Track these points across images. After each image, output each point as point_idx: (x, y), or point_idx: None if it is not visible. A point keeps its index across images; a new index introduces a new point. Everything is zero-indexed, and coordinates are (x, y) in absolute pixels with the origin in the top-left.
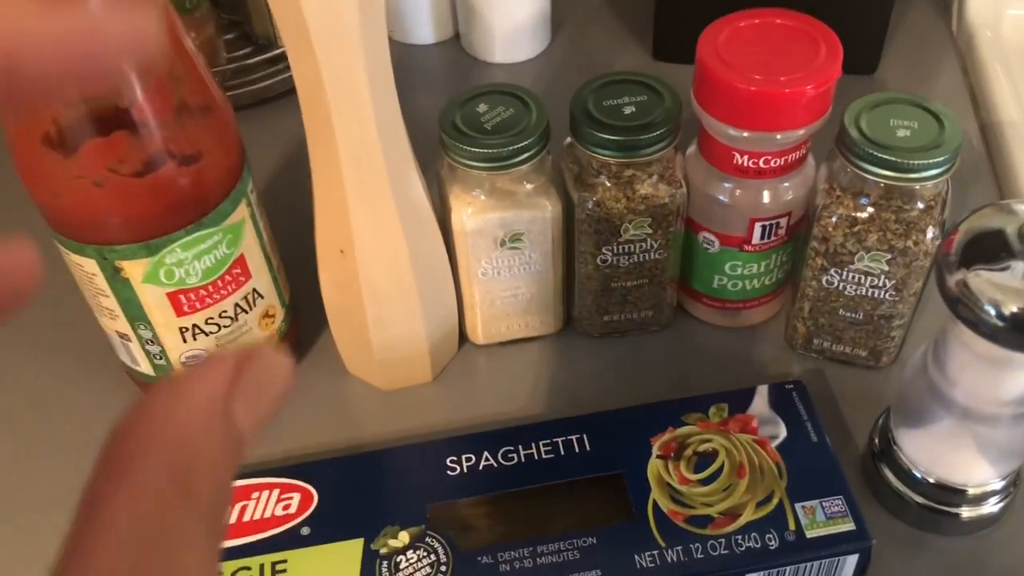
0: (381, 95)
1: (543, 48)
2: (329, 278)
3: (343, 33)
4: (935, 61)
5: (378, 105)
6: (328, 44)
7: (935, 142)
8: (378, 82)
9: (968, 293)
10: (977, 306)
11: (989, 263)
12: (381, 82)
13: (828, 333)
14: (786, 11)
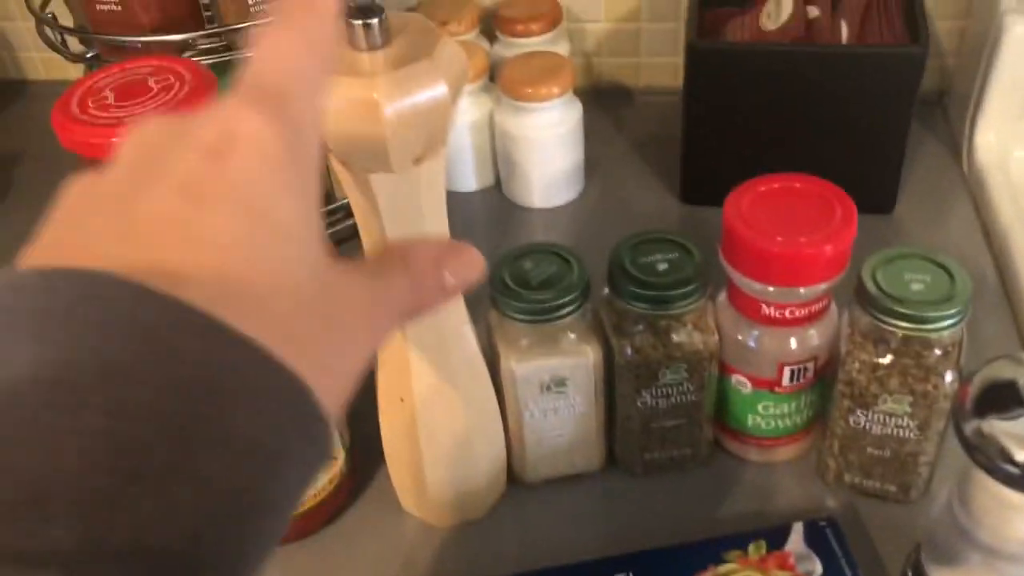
0: None
1: (578, 193)
2: (389, 424)
3: (407, 204)
4: (949, 200)
5: None
6: (393, 215)
7: (948, 294)
8: None
9: (983, 441)
10: (992, 454)
11: (1002, 412)
12: None
13: (858, 469)
14: (804, 176)
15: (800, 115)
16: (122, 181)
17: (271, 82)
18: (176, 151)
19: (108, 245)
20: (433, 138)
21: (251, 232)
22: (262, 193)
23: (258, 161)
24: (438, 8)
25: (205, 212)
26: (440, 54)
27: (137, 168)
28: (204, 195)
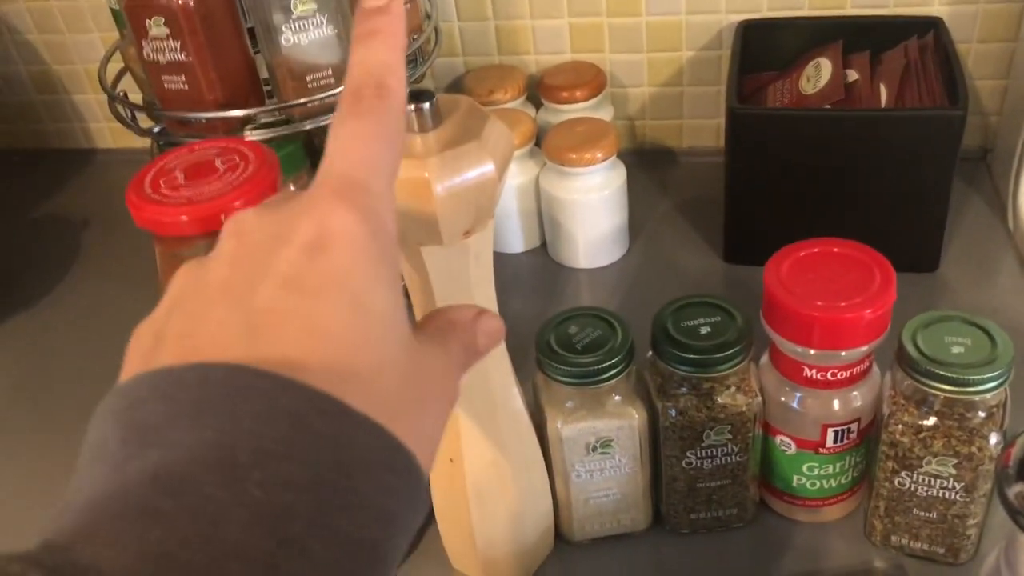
0: None
1: (623, 253)
2: (440, 484)
3: (457, 275)
4: (994, 258)
5: None
6: (444, 286)
7: (989, 357)
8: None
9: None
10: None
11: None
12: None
13: (905, 531)
14: (842, 240)
15: (841, 177)
16: (230, 274)
17: (353, 173)
18: (277, 246)
19: (236, 339)
20: (481, 212)
21: (353, 320)
22: (359, 284)
23: (352, 255)
24: (486, 77)
25: (313, 305)
26: (488, 135)
27: (241, 261)
28: (309, 288)
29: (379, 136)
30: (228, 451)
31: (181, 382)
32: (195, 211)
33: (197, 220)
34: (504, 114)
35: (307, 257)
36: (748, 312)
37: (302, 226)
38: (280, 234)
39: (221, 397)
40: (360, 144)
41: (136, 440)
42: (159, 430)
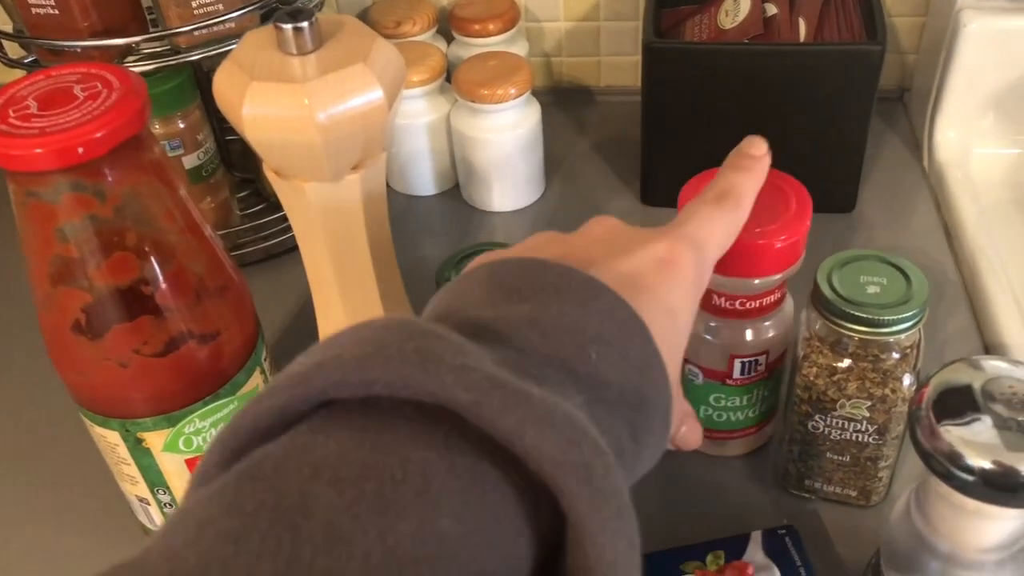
0: (384, 271)
1: (539, 196)
2: None
3: (346, 214)
4: (910, 198)
5: (381, 282)
6: (332, 226)
7: (904, 297)
8: (380, 259)
9: (939, 448)
10: (948, 461)
11: (958, 418)
12: (384, 258)
13: (818, 475)
14: None
15: (759, 114)
16: (602, 245)
17: (701, 239)
18: (636, 250)
19: (616, 271)
20: (370, 144)
21: (676, 315)
22: (678, 302)
23: (681, 281)
24: (394, 8)
25: (646, 296)
26: (375, 57)
27: (604, 243)
28: (647, 284)
29: (724, 227)
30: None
31: (559, 273)
32: (50, 142)
33: (53, 153)
34: (412, 47)
35: (655, 264)
36: None
37: (658, 245)
38: (641, 241)
39: (586, 298)
40: (713, 225)
41: (505, 297)
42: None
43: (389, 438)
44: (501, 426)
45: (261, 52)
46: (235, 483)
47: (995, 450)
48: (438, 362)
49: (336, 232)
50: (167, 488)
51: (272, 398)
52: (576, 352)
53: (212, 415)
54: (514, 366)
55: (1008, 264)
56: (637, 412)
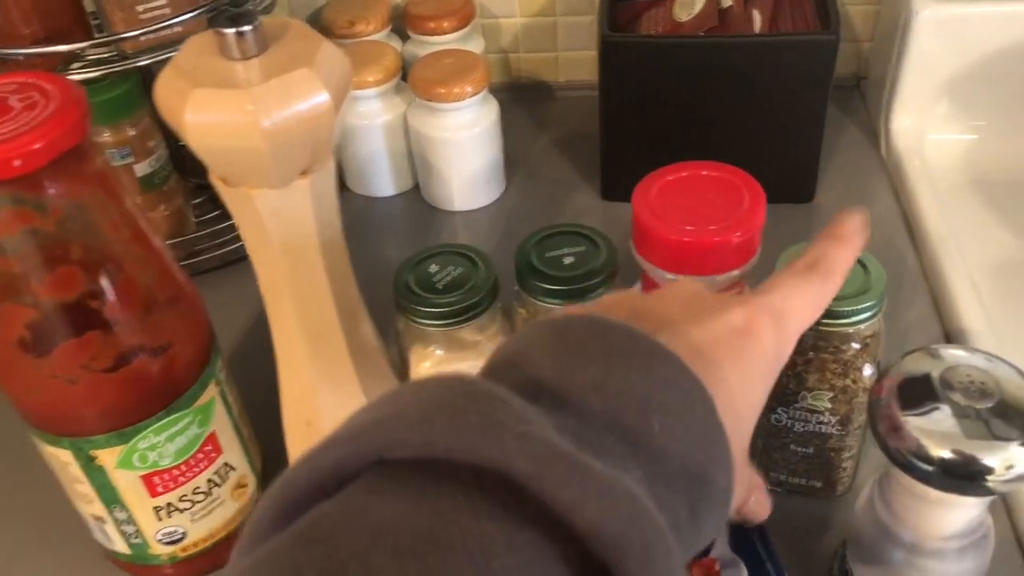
0: (337, 276)
1: (499, 194)
2: (298, 449)
3: (295, 220)
4: (868, 186)
5: (335, 287)
6: (281, 233)
7: (862, 287)
8: (333, 264)
9: (899, 438)
10: (909, 452)
11: (917, 408)
12: (337, 264)
13: (783, 467)
14: (712, 163)
15: (716, 107)
16: (679, 308)
17: (785, 311)
18: (712, 316)
19: (686, 337)
20: (318, 149)
21: (747, 388)
22: (758, 369)
23: (758, 354)
24: (347, 7)
25: (720, 367)
26: (321, 61)
27: (680, 307)
28: (722, 354)
29: (812, 298)
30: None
31: (624, 336)
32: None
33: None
34: (366, 47)
35: (730, 333)
36: (613, 240)
37: (736, 313)
38: (719, 308)
39: (651, 364)
40: (799, 295)
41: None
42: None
43: (447, 506)
44: (561, 499)
45: (203, 58)
46: (291, 547)
47: (955, 439)
48: (500, 428)
49: (287, 238)
50: (123, 506)
51: (327, 453)
52: (638, 422)
53: (166, 429)
54: (575, 435)
55: (966, 250)
56: (698, 487)
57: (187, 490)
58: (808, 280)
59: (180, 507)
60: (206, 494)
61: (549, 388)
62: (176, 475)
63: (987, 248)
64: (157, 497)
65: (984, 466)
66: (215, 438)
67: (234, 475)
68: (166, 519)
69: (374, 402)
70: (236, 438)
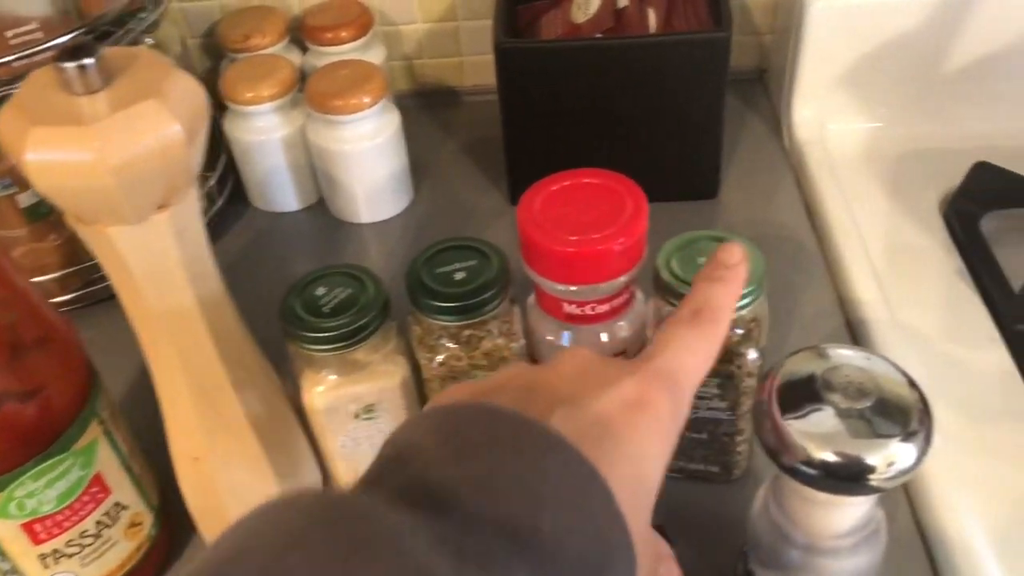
0: (212, 308)
1: (408, 203)
2: (188, 484)
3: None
4: (772, 178)
5: (210, 318)
6: (145, 270)
7: None
8: (206, 296)
9: (783, 442)
10: (792, 455)
11: (800, 410)
12: (210, 295)
13: (681, 453)
14: (594, 170)
15: (616, 107)
16: (569, 384)
17: (675, 371)
18: (604, 391)
19: (580, 414)
20: (174, 181)
21: (645, 461)
22: (649, 450)
23: (655, 426)
24: (242, 21)
25: (614, 445)
26: (169, 90)
27: (578, 380)
28: (615, 430)
29: (702, 351)
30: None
31: (513, 425)
32: None
33: None
34: (261, 60)
35: (622, 407)
36: (505, 252)
37: (627, 386)
38: (610, 381)
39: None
40: (688, 352)
41: (455, 453)
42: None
43: None
44: None
45: (46, 92)
46: None
47: (836, 441)
48: (368, 552)
49: (152, 275)
50: (5, 556)
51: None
52: (529, 518)
53: (44, 475)
54: (456, 545)
55: (867, 236)
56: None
57: (74, 535)
58: (696, 329)
59: (68, 552)
60: (95, 536)
61: (434, 489)
62: (60, 520)
63: (888, 234)
64: (41, 545)
65: (866, 465)
66: (101, 479)
67: (126, 514)
68: (53, 566)
69: (232, 528)
70: (126, 476)
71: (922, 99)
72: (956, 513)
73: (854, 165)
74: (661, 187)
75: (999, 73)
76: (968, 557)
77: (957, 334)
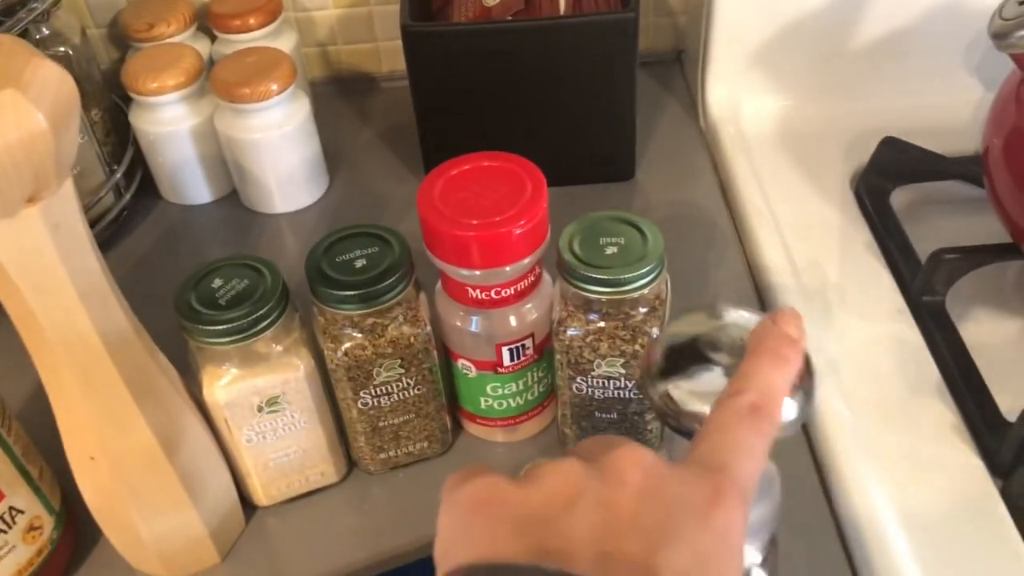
0: (97, 303)
1: (323, 191)
2: (87, 484)
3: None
4: (688, 159)
5: (95, 314)
6: (22, 268)
7: (640, 253)
8: (90, 291)
9: (672, 405)
10: (684, 416)
11: (687, 372)
12: (94, 290)
13: (592, 434)
14: (493, 153)
15: (528, 91)
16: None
17: (747, 487)
18: (696, 522)
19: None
20: (41, 174)
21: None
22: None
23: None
24: (147, 9)
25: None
26: (30, 79)
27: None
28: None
29: (762, 457)
30: None
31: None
32: None
33: None
34: (166, 49)
35: (715, 540)
36: (409, 238)
37: (718, 516)
38: (696, 507)
39: None
40: (752, 460)
41: None
42: None
43: None
44: None
45: None
46: None
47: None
48: None
49: (27, 273)
50: None
51: None
52: None
53: None
54: None
55: (780, 214)
56: None
57: None
58: (757, 436)
59: None
60: None
61: None
62: None
63: (800, 210)
64: None
65: None
66: None
67: (23, 518)
68: None
69: None
70: (21, 479)
71: (833, 77)
72: (862, 482)
73: (768, 143)
74: (577, 170)
75: (907, 50)
76: (874, 526)
77: (866, 305)
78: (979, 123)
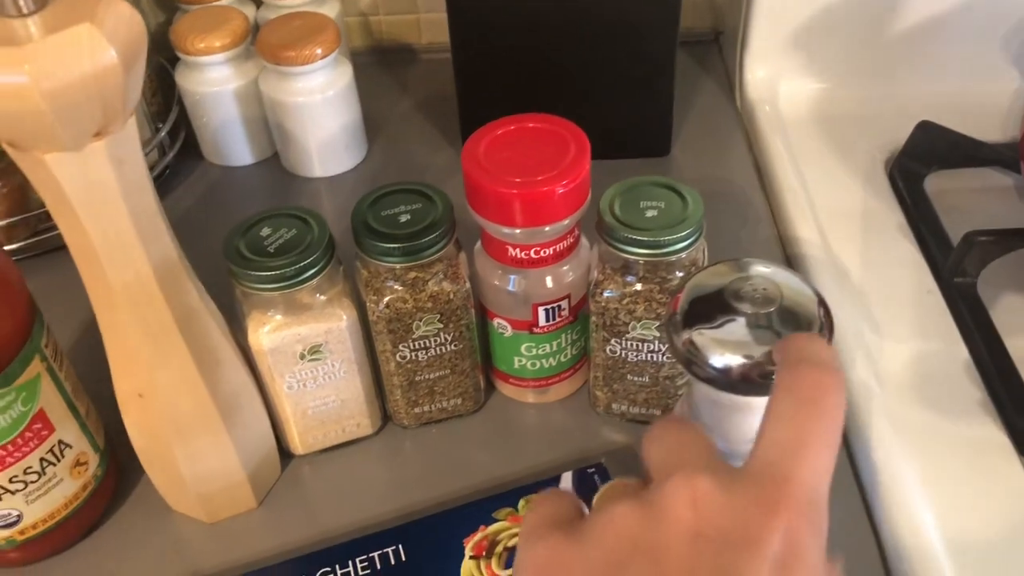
0: (153, 241)
1: (362, 158)
2: (133, 422)
3: (97, 186)
4: (724, 137)
5: (151, 251)
6: (84, 200)
7: (680, 217)
8: (147, 229)
9: (696, 352)
10: (706, 363)
11: (710, 321)
12: (151, 228)
13: (624, 397)
14: (539, 115)
15: (568, 61)
16: (692, 554)
17: (817, 488)
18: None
19: None
20: (110, 109)
21: None
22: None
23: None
24: None
25: None
26: (104, 16)
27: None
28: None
29: (832, 442)
30: None
31: None
32: None
33: None
34: (213, 12)
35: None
36: (449, 196)
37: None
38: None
39: None
40: (817, 451)
41: None
42: None
43: None
44: None
45: None
46: None
47: (746, 346)
48: None
49: (91, 205)
50: None
51: None
52: None
53: None
54: None
55: (813, 194)
56: None
57: (17, 471)
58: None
59: (11, 489)
60: (39, 474)
61: None
62: (3, 456)
63: (834, 191)
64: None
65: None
66: (44, 415)
67: (71, 452)
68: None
69: None
70: (70, 415)
71: (870, 60)
72: (890, 456)
73: (803, 124)
74: (614, 144)
75: (944, 35)
76: (900, 495)
77: (897, 286)
78: (1016, 110)
